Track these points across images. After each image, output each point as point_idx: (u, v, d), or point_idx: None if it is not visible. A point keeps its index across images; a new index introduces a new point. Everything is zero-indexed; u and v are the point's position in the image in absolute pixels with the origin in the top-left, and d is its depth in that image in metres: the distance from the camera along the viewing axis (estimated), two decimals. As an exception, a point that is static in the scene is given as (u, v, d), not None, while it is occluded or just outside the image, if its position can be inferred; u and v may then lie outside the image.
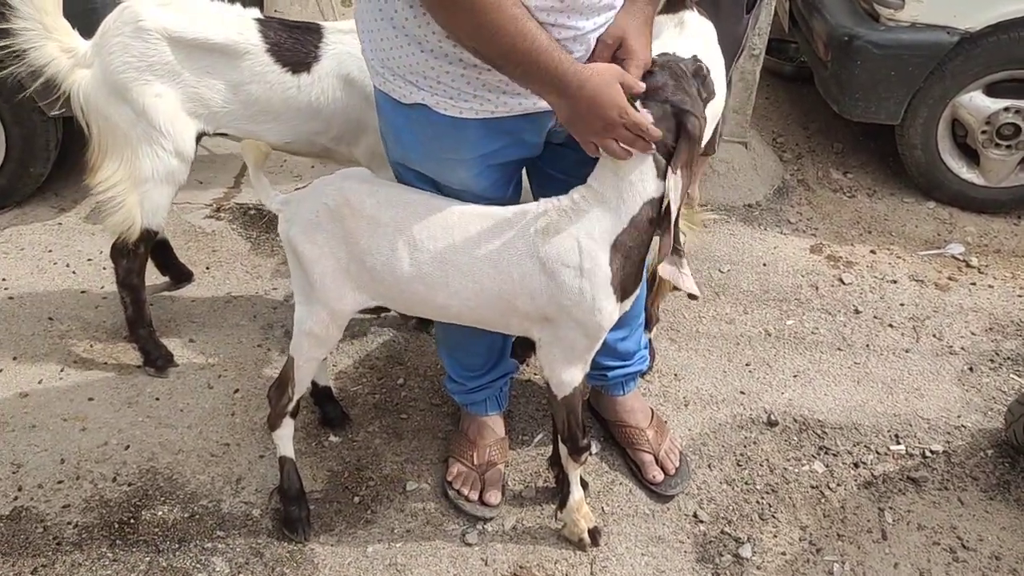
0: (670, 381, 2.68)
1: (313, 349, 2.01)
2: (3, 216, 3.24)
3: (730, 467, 2.41)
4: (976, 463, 2.44)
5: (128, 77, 2.27)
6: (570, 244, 1.74)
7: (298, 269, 1.93)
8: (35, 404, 2.50)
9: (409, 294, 1.87)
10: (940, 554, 2.19)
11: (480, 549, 2.17)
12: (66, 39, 2.32)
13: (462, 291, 1.81)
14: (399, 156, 1.91)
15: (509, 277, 1.78)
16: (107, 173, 2.38)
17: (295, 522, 2.16)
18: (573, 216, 1.74)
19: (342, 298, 1.91)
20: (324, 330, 1.96)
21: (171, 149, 2.34)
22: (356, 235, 1.83)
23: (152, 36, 2.25)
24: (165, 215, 2.47)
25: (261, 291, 2.96)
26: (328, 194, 1.86)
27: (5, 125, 3.08)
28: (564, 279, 1.75)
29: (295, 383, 2.05)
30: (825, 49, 3.42)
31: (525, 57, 1.57)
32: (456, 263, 1.79)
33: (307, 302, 1.94)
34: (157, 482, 2.30)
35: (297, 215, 1.89)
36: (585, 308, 1.77)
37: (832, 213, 3.49)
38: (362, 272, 1.87)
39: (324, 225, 1.85)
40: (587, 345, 1.86)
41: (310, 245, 1.86)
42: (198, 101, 2.33)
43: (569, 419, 1.98)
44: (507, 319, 1.87)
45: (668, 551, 2.18)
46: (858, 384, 2.69)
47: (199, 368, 2.65)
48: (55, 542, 2.13)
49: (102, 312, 2.82)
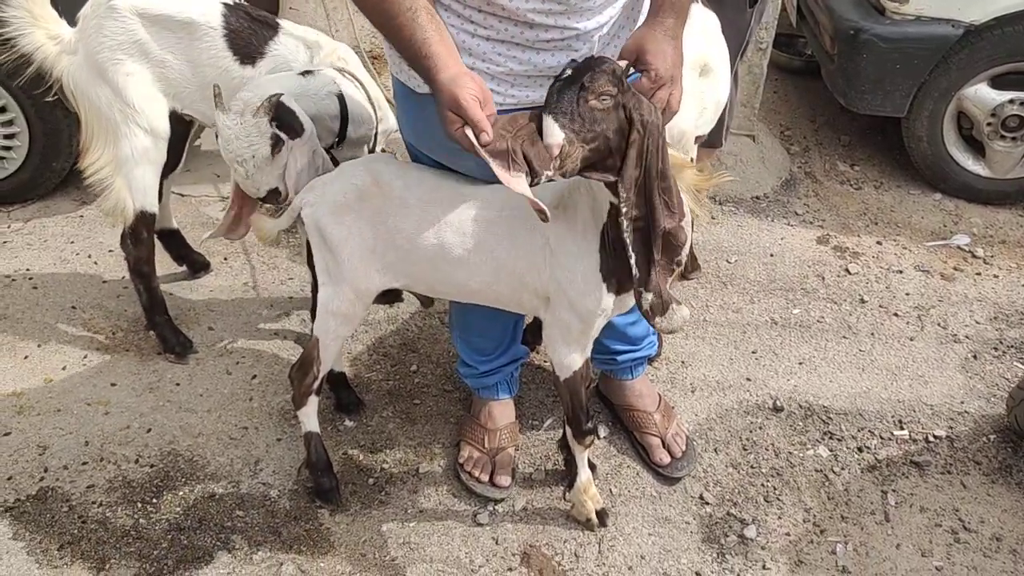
0: (677, 368, 2.73)
1: (340, 327, 2.07)
2: (27, 209, 3.32)
3: (736, 451, 2.46)
4: (979, 448, 2.48)
5: (103, 57, 2.34)
6: (572, 219, 1.80)
7: (323, 251, 1.98)
8: (60, 389, 2.58)
9: (433, 272, 1.93)
10: (942, 535, 2.24)
11: (491, 529, 2.23)
12: (53, 26, 2.39)
13: (482, 266, 1.88)
14: (414, 141, 1.98)
15: (522, 250, 1.85)
16: (95, 156, 2.46)
17: (327, 492, 2.24)
18: (577, 197, 1.80)
19: (369, 277, 1.97)
20: (351, 308, 2.02)
21: (146, 126, 2.40)
22: (384, 214, 1.90)
23: (122, 14, 2.32)
24: (154, 195, 2.51)
25: (277, 280, 3.03)
26: (357, 175, 1.93)
27: (29, 121, 3.17)
28: (562, 256, 1.82)
29: (320, 362, 2.11)
30: (832, 43, 3.46)
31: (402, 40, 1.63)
32: (477, 238, 1.86)
33: (333, 283, 2.00)
34: (178, 464, 2.37)
35: (324, 197, 1.94)
36: (577, 288, 1.83)
37: (839, 205, 3.53)
38: (388, 251, 1.93)
39: (352, 206, 1.91)
40: (581, 329, 1.91)
41: (338, 226, 1.92)
42: (165, 79, 2.39)
43: (572, 401, 2.03)
44: (519, 295, 1.93)
45: (674, 531, 2.24)
46: (863, 371, 2.73)
47: (218, 355, 2.72)
48: (80, 520, 2.21)
49: (123, 301, 2.90)
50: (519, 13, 1.67)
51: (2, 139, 3.19)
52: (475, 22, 1.70)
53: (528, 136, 1.55)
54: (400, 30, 1.62)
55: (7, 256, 3.09)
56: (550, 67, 1.77)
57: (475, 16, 1.70)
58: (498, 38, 1.72)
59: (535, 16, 1.67)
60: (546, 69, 1.77)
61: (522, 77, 1.77)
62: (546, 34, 1.72)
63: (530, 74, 1.76)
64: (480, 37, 1.72)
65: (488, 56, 1.73)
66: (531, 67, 1.76)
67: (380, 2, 1.62)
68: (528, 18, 1.68)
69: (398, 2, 1.60)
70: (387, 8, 1.62)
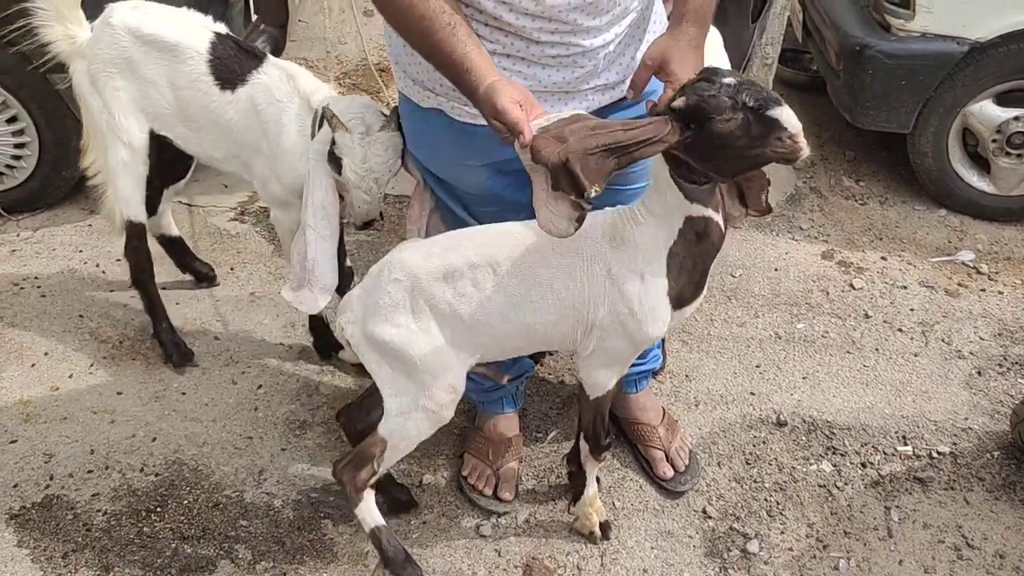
0: (681, 382, 2.73)
1: (426, 430, 1.93)
2: (36, 218, 3.35)
3: (739, 465, 2.46)
4: (982, 464, 2.48)
5: (97, 68, 2.42)
6: (633, 252, 1.76)
7: (385, 363, 1.87)
8: (66, 397, 2.59)
9: (503, 327, 1.84)
10: (945, 552, 2.24)
11: (494, 541, 2.23)
12: (74, 27, 2.45)
13: (543, 306, 1.82)
14: (421, 157, 1.99)
15: (581, 284, 1.80)
16: (92, 158, 2.57)
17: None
18: (633, 225, 1.76)
19: (450, 366, 1.86)
20: (442, 408, 1.90)
21: (125, 140, 2.46)
22: (437, 295, 1.81)
23: (116, 31, 2.37)
24: (138, 206, 2.55)
25: (283, 291, 3.05)
26: (392, 272, 1.83)
27: (39, 130, 3.20)
28: (627, 286, 1.77)
29: (383, 462, 1.97)
30: (837, 59, 3.48)
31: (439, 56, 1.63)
32: (536, 276, 1.80)
33: (415, 387, 1.87)
34: (183, 473, 2.38)
35: (367, 309, 1.85)
36: (642, 318, 1.79)
37: (844, 220, 3.54)
38: (456, 329, 1.84)
39: (401, 303, 1.81)
40: (631, 353, 1.90)
41: (395, 329, 1.82)
42: (147, 99, 2.44)
43: (595, 419, 2.02)
44: (576, 331, 1.86)
45: (677, 545, 2.24)
46: (866, 386, 2.73)
47: (223, 364, 2.73)
48: (85, 528, 2.22)
49: (130, 310, 2.91)
50: (525, 31, 1.69)
51: (12, 148, 3.22)
52: (481, 36, 1.71)
53: (583, 149, 1.47)
54: (440, 46, 1.60)
55: (16, 264, 3.11)
56: (555, 82, 1.78)
57: (481, 30, 1.71)
58: (504, 52, 1.74)
59: (540, 34, 1.69)
60: (551, 85, 1.78)
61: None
62: (551, 50, 1.73)
63: (535, 89, 1.77)
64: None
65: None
66: (536, 82, 1.77)
67: (419, 20, 1.59)
68: (533, 36, 1.69)
69: (437, 18, 1.59)
70: (427, 26, 1.60)
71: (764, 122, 1.52)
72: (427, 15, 1.59)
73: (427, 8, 1.59)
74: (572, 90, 1.81)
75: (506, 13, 1.66)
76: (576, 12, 1.69)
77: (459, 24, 1.60)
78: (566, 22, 1.69)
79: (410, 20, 1.61)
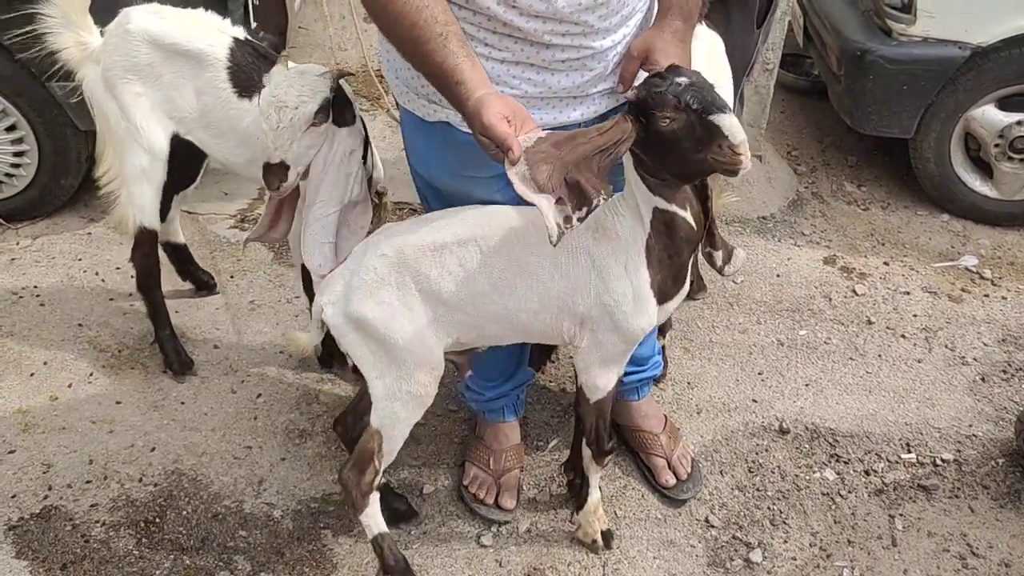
0: (683, 389, 2.72)
1: (413, 413, 1.92)
2: (35, 226, 3.34)
3: (742, 474, 2.44)
4: (987, 472, 2.46)
5: (115, 75, 2.40)
6: (615, 243, 1.78)
7: (366, 344, 1.85)
8: (65, 407, 2.58)
9: (486, 309, 1.84)
10: (950, 560, 2.22)
11: (495, 551, 2.22)
12: (84, 33, 2.44)
13: (528, 294, 1.82)
14: (422, 172, 1.97)
15: (566, 274, 1.81)
16: (107, 166, 2.55)
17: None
18: (615, 217, 1.78)
19: (430, 346, 1.85)
20: (425, 388, 1.88)
21: (146, 146, 2.44)
22: (423, 269, 1.79)
23: (135, 39, 2.37)
24: (154, 213, 2.54)
25: (283, 299, 3.03)
26: (379, 248, 1.82)
27: (38, 139, 3.19)
28: (610, 278, 1.79)
29: (383, 455, 1.94)
30: (838, 64, 3.47)
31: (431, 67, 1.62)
32: (522, 262, 1.80)
33: (396, 369, 1.85)
34: (182, 483, 2.36)
35: (349, 288, 1.82)
36: (627, 310, 1.80)
37: (846, 225, 3.53)
38: (438, 307, 1.82)
39: (387, 278, 1.79)
40: (623, 350, 1.90)
41: (378, 306, 1.79)
42: (171, 103, 2.43)
43: (598, 423, 2.01)
44: (561, 322, 1.87)
45: (679, 555, 2.22)
46: (870, 393, 2.72)
47: (223, 373, 2.72)
48: (83, 540, 2.20)
49: (130, 319, 2.90)
50: (536, 34, 1.67)
51: (12, 156, 3.21)
52: (490, 44, 1.70)
53: (576, 160, 1.52)
54: (430, 56, 1.59)
55: (15, 273, 3.10)
56: (564, 88, 1.77)
57: (490, 38, 1.70)
58: (513, 60, 1.72)
59: (552, 37, 1.68)
60: (560, 91, 1.77)
61: (536, 99, 1.77)
62: (562, 54, 1.72)
63: (544, 96, 1.77)
64: (495, 60, 1.72)
65: (503, 79, 1.73)
66: (545, 88, 1.76)
67: (410, 28, 1.58)
68: (545, 39, 1.68)
69: (428, 27, 1.57)
70: (418, 34, 1.58)
71: (706, 127, 1.57)
72: (419, 24, 1.58)
73: (419, 17, 1.58)
74: (581, 94, 1.81)
75: (516, 17, 1.65)
76: (586, 13, 1.68)
77: (451, 35, 1.59)
78: (577, 23, 1.68)
79: (401, 28, 1.60)
